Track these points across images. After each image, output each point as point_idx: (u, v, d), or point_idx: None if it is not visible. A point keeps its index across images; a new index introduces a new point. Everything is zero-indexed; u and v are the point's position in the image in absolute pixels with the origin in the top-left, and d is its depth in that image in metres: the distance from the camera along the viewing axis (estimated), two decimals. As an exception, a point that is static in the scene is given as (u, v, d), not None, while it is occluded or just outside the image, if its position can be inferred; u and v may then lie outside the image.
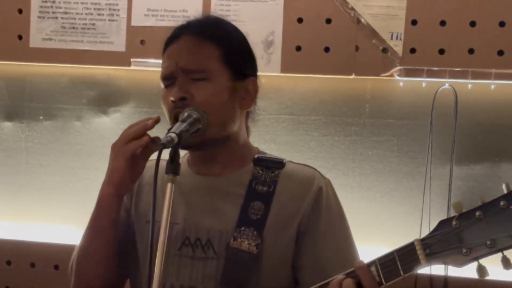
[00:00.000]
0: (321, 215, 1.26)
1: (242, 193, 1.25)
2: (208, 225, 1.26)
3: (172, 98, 1.19)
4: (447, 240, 1.05)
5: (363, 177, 1.87)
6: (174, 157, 1.05)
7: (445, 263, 1.05)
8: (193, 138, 1.15)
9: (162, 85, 1.27)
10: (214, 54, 1.23)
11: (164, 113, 1.24)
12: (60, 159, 2.08)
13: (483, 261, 1.00)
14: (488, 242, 1.00)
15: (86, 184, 1.83)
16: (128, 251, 1.32)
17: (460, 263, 1.01)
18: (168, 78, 1.23)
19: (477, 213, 1.01)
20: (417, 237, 1.40)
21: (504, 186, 1.01)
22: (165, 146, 1.04)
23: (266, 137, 1.87)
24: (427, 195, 1.77)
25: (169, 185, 1.04)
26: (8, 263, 1.96)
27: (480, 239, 1.02)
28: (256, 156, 1.29)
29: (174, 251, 1.17)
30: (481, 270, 1.01)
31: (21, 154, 2.12)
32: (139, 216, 1.33)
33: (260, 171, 1.29)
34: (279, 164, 1.29)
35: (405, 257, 1.06)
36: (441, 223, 1.06)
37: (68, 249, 1.33)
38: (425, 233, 1.68)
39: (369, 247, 1.75)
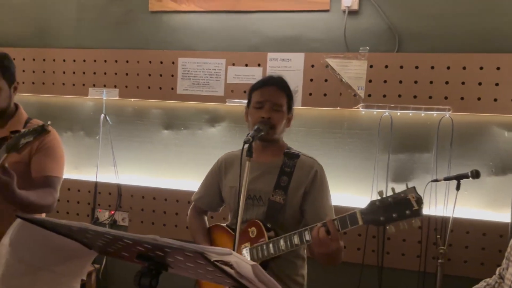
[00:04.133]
0: (316, 184, 1.79)
1: (277, 171, 1.78)
2: (260, 188, 1.77)
3: (264, 116, 1.71)
4: (374, 212, 1.43)
5: (342, 159, 2.74)
6: (250, 148, 1.55)
7: (372, 224, 1.43)
8: (261, 137, 1.67)
9: (253, 106, 1.77)
10: (285, 99, 1.80)
11: (250, 122, 1.78)
12: (191, 149, 3.00)
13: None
14: (395, 215, 1.38)
15: (202, 164, 2.20)
16: (220, 201, 1.94)
17: (379, 225, 1.43)
18: (261, 103, 1.75)
19: (389, 199, 1.41)
20: (370, 190, 2.32)
21: (406, 185, 1.38)
22: (245, 143, 1.55)
23: (294, 138, 2.71)
24: (376, 169, 2.67)
25: (247, 163, 1.51)
26: (165, 200, 2.98)
27: (391, 213, 1.40)
28: (285, 151, 1.84)
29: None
30: (390, 228, 1.39)
31: (172, 148, 3.06)
32: (226, 183, 1.87)
33: (287, 160, 1.81)
34: (296, 156, 1.83)
35: (352, 218, 1.47)
36: (371, 203, 1.43)
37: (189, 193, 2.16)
38: (375, 188, 2.65)
39: (344, 193, 2.70)
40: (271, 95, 1.76)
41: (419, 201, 1.35)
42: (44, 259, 1.00)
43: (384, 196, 1.41)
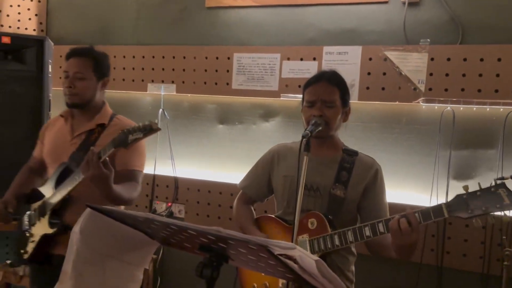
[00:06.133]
0: (376, 183, 1.82)
1: (336, 166, 1.80)
2: (318, 180, 1.78)
3: (315, 114, 1.71)
4: (460, 205, 1.44)
5: (400, 155, 2.65)
6: (308, 142, 1.55)
7: (458, 216, 1.43)
8: (317, 134, 1.66)
9: (305, 104, 1.77)
10: (337, 94, 1.78)
11: (303, 119, 1.78)
12: (245, 144, 3.02)
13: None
14: (484, 208, 1.40)
15: (256, 158, 2.14)
16: (268, 191, 1.95)
17: (466, 217, 1.42)
18: (312, 102, 1.75)
19: (478, 193, 1.43)
20: (430, 188, 2.22)
21: (494, 181, 1.38)
22: (304, 137, 1.54)
23: (350, 133, 2.61)
24: (436, 165, 2.56)
25: (305, 157, 1.53)
26: (220, 193, 3.03)
27: (480, 206, 1.42)
28: (343, 147, 1.85)
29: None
30: (476, 221, 1.42)
31: (227, 143, 3.10)
32: (279, 172, 1.89)
33: (346, 156, 1.83)
34: (355, 153, 1.85)
35: (436, 211, 1.48)
36: (457, 196, 1.45)
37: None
38: (435, 184, 2.52)
39: (402, 190, 2.63)
40: (322, 93, 1.75)
41: (510, 195, 1.37)
42: (112, 247, 1.04)
43: (469, 190, 1.43)
